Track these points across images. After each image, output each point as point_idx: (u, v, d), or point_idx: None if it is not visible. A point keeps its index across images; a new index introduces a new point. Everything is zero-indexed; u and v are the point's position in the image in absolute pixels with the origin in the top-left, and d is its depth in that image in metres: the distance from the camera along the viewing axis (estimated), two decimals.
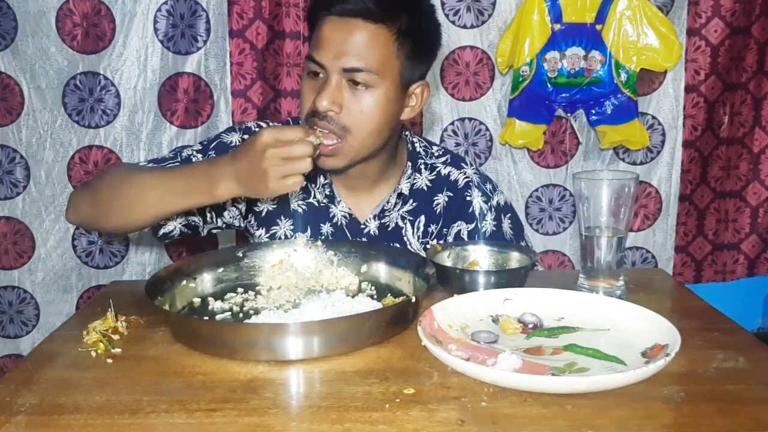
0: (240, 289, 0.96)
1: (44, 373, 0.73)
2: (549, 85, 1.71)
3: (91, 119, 1.67)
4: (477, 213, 1.18)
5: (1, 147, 1.66)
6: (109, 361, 0.75)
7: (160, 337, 0.82)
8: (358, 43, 0.99)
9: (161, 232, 1.08)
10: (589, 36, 1.68)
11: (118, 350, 0.78)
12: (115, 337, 0.81)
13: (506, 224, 1.21)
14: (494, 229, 1.19)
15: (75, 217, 1.08)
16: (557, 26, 1.67)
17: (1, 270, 1.72)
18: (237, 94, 1.69)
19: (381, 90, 1.02)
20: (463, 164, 1.21)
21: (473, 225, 1.18)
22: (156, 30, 1.63)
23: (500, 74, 1.76)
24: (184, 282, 0.95)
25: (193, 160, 1.09)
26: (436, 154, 1.22)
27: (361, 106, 1.01)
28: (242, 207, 1.15)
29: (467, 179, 1.19)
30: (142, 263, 1.77)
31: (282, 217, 1.15)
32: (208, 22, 1.65)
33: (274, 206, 1.15)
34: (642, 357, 0.70)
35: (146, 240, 1.76)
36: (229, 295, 0.94)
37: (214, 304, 0.92)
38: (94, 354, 0.77)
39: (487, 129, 1.79)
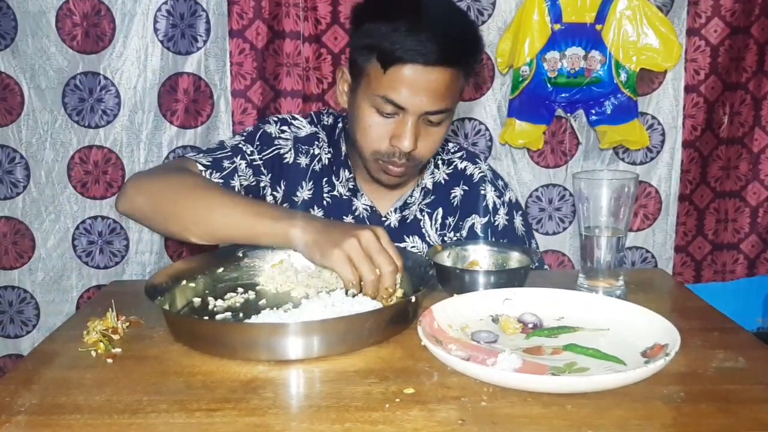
0: (240, 289, 0.96)
1: (44, 373, 0.73)
2: (549, 85, 1.71)
3: (91, 119, 1.67)
4: (490, 207, 1.20)
5: (1, 147, 1.66)
6: (109, 361, 0.75)
7: (160, 337, 0.82)
8: (439, 88, 0.99)
9: None
10: (589, 36, 1.68)
11: (118, 350, 0.78)
12: (115, 336, 0.81)
13: (518, 221, 1.23)
14: (506, 223, 1.21)
15: (128, 208, 1.03)
16: (557, 26, 1.68)
17: (1, 270, 1.72)
18: (237, 94, 1.69)
19: (450, 119, 1.07)
20: (477, 159, 1.25)
21: (486, 219, 1.20)
22: (156, 30, 1.64)
23: (500, 74, 1.76)
24: (184, 282, 0.95)
25: (243, 149, 1.12)
26: (452, 150, 1.25)
27: (434, 138, 1.06)
28: (279, 196, 1.16)
29: (482, 174, 1.22)
30: (142, 263, 1.77)
31: (315, 207, 1.16)
32: (208, 22, 1.65)
33: (310, 195, 1.16)
34: (642, 357, 0.70)
35: (146, 240, 1.76)
36: (229, 295, 0.94)
37: (215, 304, 0.92)
38: (94, 354, 0.77)
39: (487, 129, 1.79)
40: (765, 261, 1.90)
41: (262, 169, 1.13)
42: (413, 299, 0.82)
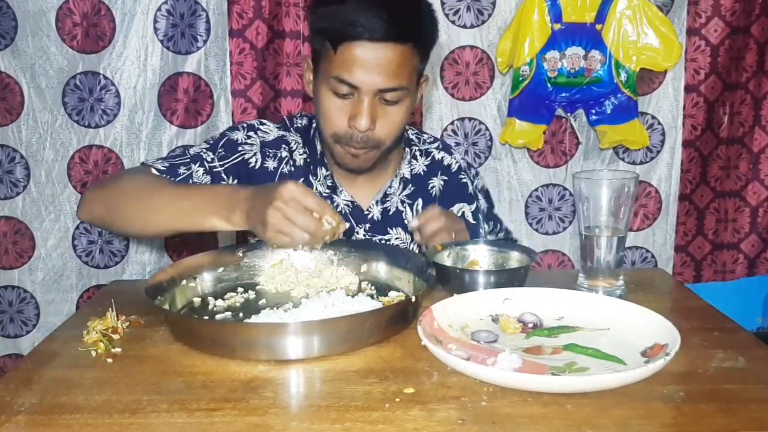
0: (240, 289, 0.96)
1: (44, 372, 0.73)
2: (549, 85, 1.71)
3: (91, 119, 1.67)
4: (472, 193, 1.25)
5: (1, 147, 1.66)
6: (109, 360, 0.75)
7: (160, 336, 0.82)
8: (391, 65, 1.01)
9: None
10: (589, 36, 1.68)
11: (118, 350, 0.78)
12: (115, 336, 0.81)
13: (482, 203, 1.27)
14: (487, 208, 1.26)
15: (88, 216, 1.09)
16: (557, 26, 1.67)
17: (1, 270, 1.72)
18: (237, 93, 1.69)
19: (408, 99, 1.07)
20: (452, 150, 1.29)
21: (474, 206, 1.23)
22: (156, 30, 1.63)
23: (500, 74, 1.76)
24: (184, 282, 0.95)
25: (204, 156, 1.13)
26: (428, 140, 1.28)
27: (392, 119, 1.06)
28: None
29: (459, 163, 1.26)
30: (142, 263, 1.77)
31: None
32: (208, 21, 1.65)
33: None
34: (642, 356, 0.70)
35: (146, 240, 1.76)
36: (229, 294, 0.94)
37: (214, 304, 0.92)
38: (94, 354, 0.77)
39: (487, 129, 1.79)
40: (765, 261, 1.90)
41: (223, 175, 1.14)
42: (413, 299, 0.82)
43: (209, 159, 1.13)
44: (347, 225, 0.93)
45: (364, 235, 1.19)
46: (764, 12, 1.73)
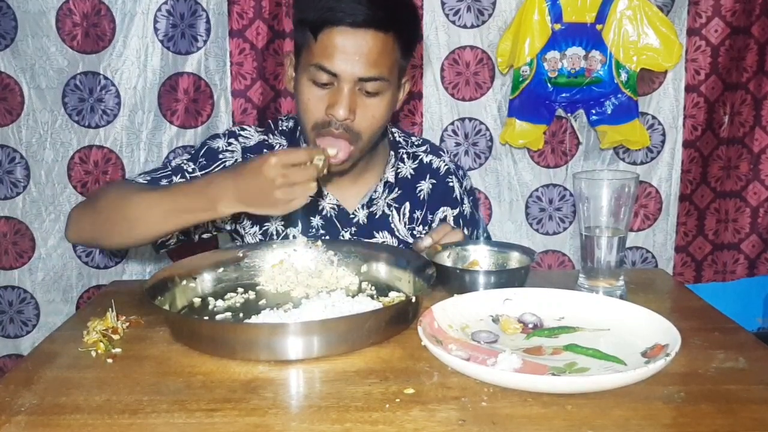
0: (240, 289, 0.96)
1: (44, 373, 0.73)
2: (549, 85, 1.71)
3: (91, 119, 1.67)
4: (458, 198, 1.24)
5: (1, 147, 1.66)
6: (109, 361, 0.76)
7: (160, 337, 0.82)
8: (372, 53, 1.00)
9: (158, 241, 1.09)
10: (589, 36, 1.68)
11: (118, 350, 0.78)
12: (115, 337, 0.81)
13: (468, 206, 1.27)
14: (470, 211, 1.26)
15: (76, 236, 1.09)
16: (557, 26, 1.67)
17: (1, 270, 1.72)
18: (237, 94, 1.69)
19: (388, 93, 1.05)
20: (441, 152, 1.28)
21: (457, 210, 1.23)
22: (156, 30, 1.63)
23: (500, 74, 1.76)
24: (184, 282, 0.95)
25: (185, 167, 1.12)
26: (416, 143, 1.27)
27: (372, 112, 1.04)
28: None
29: (447, 166, 1.25)
30: (142, 263, 1.77)
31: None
32: (208, 21, 1.65)
33: None
34: (642, 357, 0.70)
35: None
36: (229, 295, 0.94)
37: (215, 304, 0.92)
38: (94, 354, 0.77)
39: (487, 129, 1.79)
40: (765, 261, 1.89)
41: None
42: (413, 299, 0.82)
43: (190, 169, 1.12)
44: (332, 152, 0.95)
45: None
46: (764, 12, 1.73)
